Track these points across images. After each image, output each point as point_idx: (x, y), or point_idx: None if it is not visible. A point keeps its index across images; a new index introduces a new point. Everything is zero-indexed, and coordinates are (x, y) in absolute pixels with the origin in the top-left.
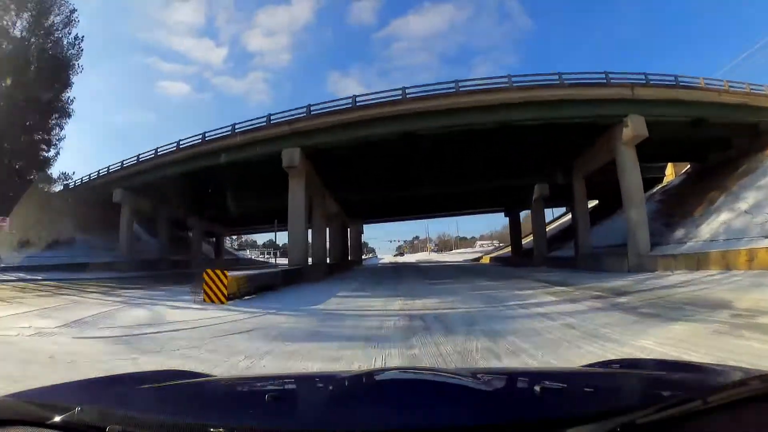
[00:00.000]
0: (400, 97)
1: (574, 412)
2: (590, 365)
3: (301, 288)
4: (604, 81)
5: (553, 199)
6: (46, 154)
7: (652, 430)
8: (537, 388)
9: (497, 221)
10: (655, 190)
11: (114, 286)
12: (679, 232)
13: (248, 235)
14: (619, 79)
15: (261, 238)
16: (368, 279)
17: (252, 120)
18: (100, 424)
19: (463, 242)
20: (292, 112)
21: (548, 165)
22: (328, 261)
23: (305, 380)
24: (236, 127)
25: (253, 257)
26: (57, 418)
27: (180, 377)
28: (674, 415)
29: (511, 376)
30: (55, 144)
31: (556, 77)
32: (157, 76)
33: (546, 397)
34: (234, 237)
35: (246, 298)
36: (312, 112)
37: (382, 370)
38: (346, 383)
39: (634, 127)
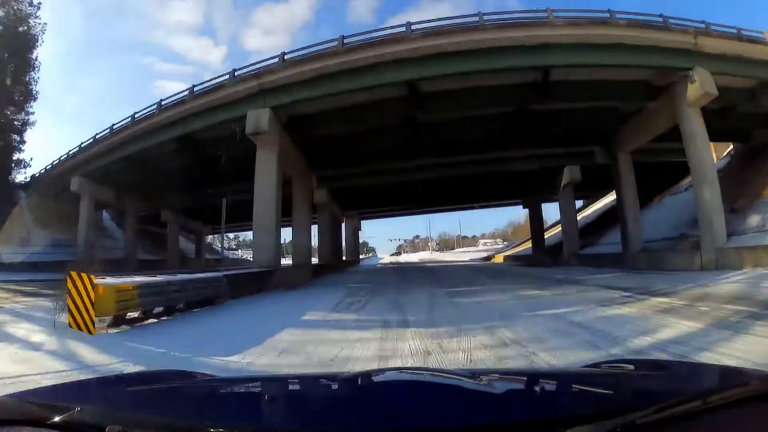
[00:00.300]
0: (404, 31)
1: (574, 412)
2: (590, 365)
3: (259, 301)
4: (663, 24)
5: (584, 187)
6: (13, 143)
7: (652, 430)
8: (537, 388)
9: (500, 220)
10: None
11: (25, 291)
12: (753, 219)
13: (247, 233)
14: (680, 25)
15: None
16: (362, 285)
17: (216, 78)
18: (100, 424)
19: (465, 241)
20: (262, 65)
21: (583, 140)
22: (316, 261)
23: (305, 380)
24: (195, 89)
25: (248, 257)
26: (57, 418)
27: (180, 377)
28: (674, 415)
29: (511, 376)
30: (16, 126)
31: (606, 14)
32: (155, 76)
33: (546, 397)
34: (232, 236)
35: (148, 322)
36: (286, 60)
37: (382, 371)
38: (346, 384)
39: (702, 83)
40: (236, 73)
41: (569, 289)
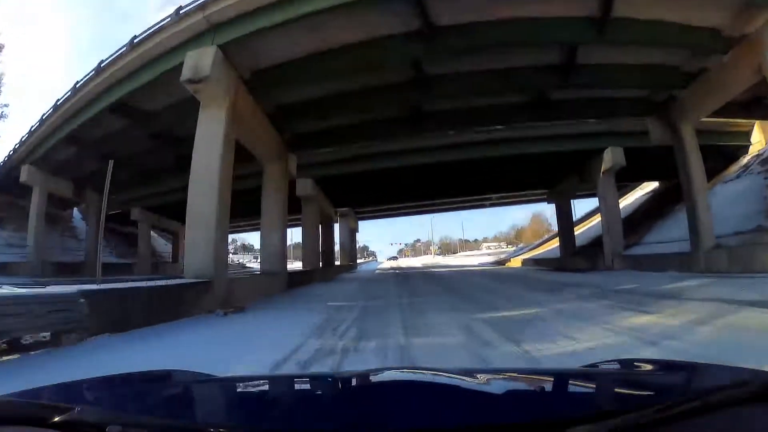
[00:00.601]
0: None
1: (574, 411)
2: (590, 365)
3: (151, 341)
4: None
5: (622, 176)
6: None
7: (652, 430)
8: (537, 388)
9: (500, 225)
10: (746, 160)
11: None
12: None
13: (242, 235)
14: None
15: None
16: (350, 305)
17: (159, 22)
18: (100, 424)
19: (467, 245)
20: None
21: (633, 110)
22: (300, 266)
23: (305, 380)
24: (136, 39)
25: (245, 262)
26: (57, 418)
27: (180, 377)
28: (674, 415)
29: (511, 376)
30: None
31: None
32: None
33: (546, 397)
34: (230, 238)
35: None
36: None
37: (381, 370)
38: (346, 383)
39: None
40: (181, 11)
41: (681, 308)
